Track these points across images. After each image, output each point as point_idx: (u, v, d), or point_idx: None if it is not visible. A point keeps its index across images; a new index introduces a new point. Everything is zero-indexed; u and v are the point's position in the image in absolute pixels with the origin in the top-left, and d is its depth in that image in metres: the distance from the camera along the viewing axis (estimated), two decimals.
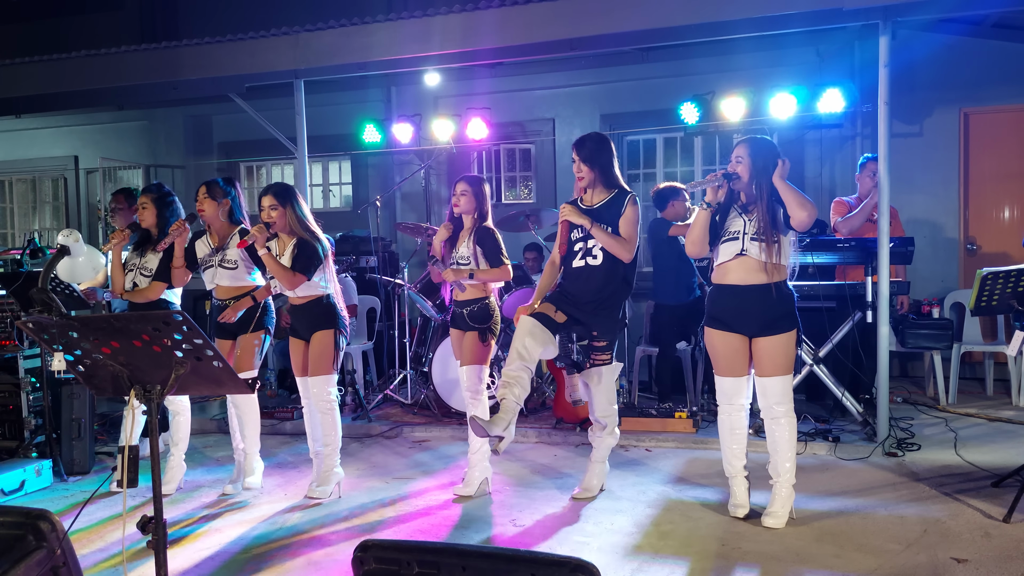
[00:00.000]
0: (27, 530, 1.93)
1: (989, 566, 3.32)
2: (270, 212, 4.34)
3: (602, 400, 4.24)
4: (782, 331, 3.80)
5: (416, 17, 5.79)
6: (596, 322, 4.15)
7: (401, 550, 1.78)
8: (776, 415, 3.84)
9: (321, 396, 4.41)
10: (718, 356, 3.94)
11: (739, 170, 3.81)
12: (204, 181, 4.64)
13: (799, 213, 3.68)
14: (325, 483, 4.44)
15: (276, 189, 4.42)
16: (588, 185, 4.16)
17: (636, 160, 8.44)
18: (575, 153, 4.16)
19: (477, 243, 4.44)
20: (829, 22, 5.13)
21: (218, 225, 4.59)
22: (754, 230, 3.78)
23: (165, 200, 4.67)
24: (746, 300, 3.81)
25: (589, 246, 4.12)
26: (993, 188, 7.25)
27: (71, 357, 2.29)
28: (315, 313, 4.42)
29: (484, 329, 4.48)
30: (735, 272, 3.83)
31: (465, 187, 4.48)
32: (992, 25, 6.33)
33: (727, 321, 3.87)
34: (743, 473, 4.01)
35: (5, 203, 10.97)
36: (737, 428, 3.97)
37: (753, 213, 3.81)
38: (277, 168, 9.85)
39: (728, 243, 3.84)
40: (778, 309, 3.80)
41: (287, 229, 4.38)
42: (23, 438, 5.05)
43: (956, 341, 6.21)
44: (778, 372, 3.81)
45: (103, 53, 6.68)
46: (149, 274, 4.63)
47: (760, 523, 3.85)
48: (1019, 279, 3.93)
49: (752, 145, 3.83)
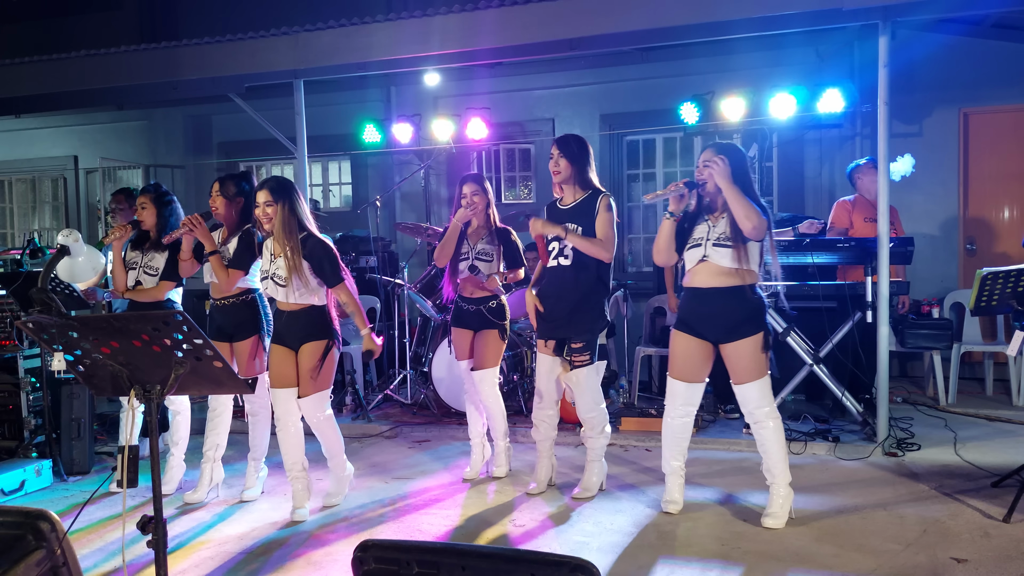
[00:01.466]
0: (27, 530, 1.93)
1: (989, 566, 3.32)
2: (265, 209, 4.00)
3: (587, 401, 4.22)
4: (747, 335, 3.80)
5: (416, 17, 5.79)
6: (572, 322, 4.17)
7: (401, 550, 1.78)
8: (759, 418, 3.86)
9: (315, 415, 4.08)
10: (676, 358, 3.96)
11: (706, 175, 3.83)
12: (219, 176, 4.52)
13: (745, 223, 3.71)
14: (341, 491, 4.37)
15: (272, 184, 4.05)
16: (563, 181, 4.21)
17: (636, 160, 8.44)
18: (555, 148, 4.21)
19: (501, 243, 4.59)
20: (829, 22, 5.12)
21: (230, 223, 4.47)
22: (717, 235, 3.80)
23: (164, 199, 4.65)
24: (711, 304, 3.83)
25: (561, 246, 4.17)
26: (993, 188, 7.24)
27: (71, 357, 2.29)
28: (306, 321, 4.06)
29: (503, 326, 4.57)
30: (700, 276, 3.87)
31: (475, 187, 4.56)
32: (992, 25, 6.33)
33: (692, 325, 3.90)
34: (679, 471, 4.05)
35: (5, 203, 10.97)
36: (679, 432, 4.00)
37: (717, 218, 3.84)
38: (277, 168, 9.85)
39: (693, 249, 3.88)
40: (742, 313, 3.81)
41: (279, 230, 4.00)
42: (23, 438, 5.05)
43: (956, 341, 6.21)
44: (752, 377, 3.82)
45: (103, 53, 6.68)
46: (155, 273, 4.58)
47: (761, 523, 3.85)
48: (1019, 279, 3.93)
49: (720, 151, 3.85)
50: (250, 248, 4.39)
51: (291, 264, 3.99)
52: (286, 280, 4.02)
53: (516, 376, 5.99)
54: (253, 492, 4.49)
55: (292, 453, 4.13)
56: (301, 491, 4.17)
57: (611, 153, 8.38)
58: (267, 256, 4.13)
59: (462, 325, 4.66)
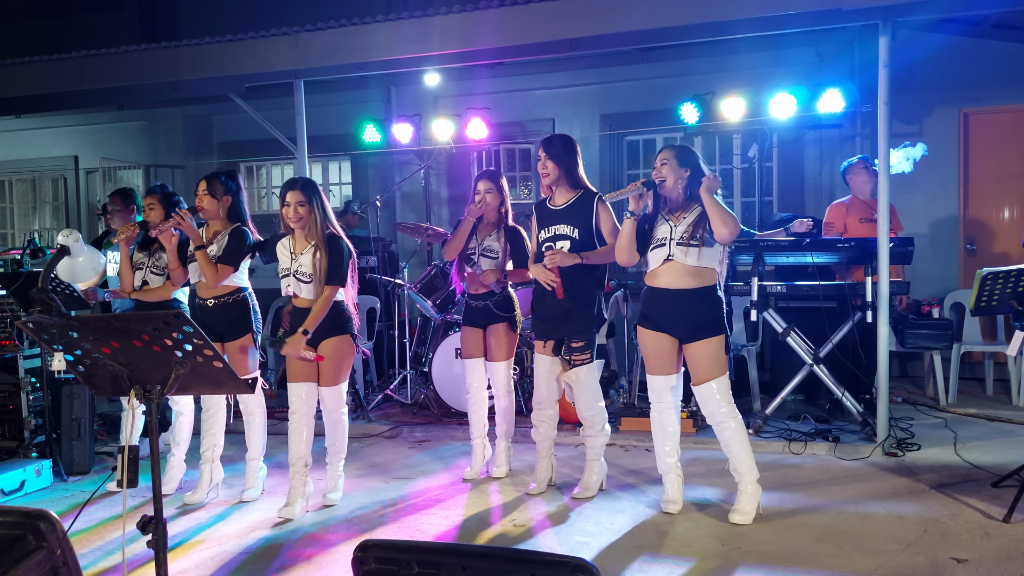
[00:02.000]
0: (27, 530, 1.93)
1: (989, 566, 3.32)
2: (297, 208, 4.05)
3: (587, 399, 4.23)
4: (709, 336, 3.87)
5: (416, 17, 5.78)
6: (571, 321, 4.17)
7: (401, 550, 1.78)
8: (721, 419, 3.89)
9: (337, 407, 4.21)
10: (648, 355, 4.02)
11: (664, 173, 3.88)
12: (204, 175, 4.50)
13: (721, 229, 3.75)
14: (337, 488, 4.39)
15: (302, 184, 4.13)
16: (552, 183, 4.22)
17: (636, 160, 8.44)
18: (542, 151, 4.22)
19: (509, 241, 4.54)
20: (829, 22, 5.13)
21: (217, 222, 4.48)
22: (679, 235, 3.85)
23: (171, 199, 4.66)
24: (675, 304, 3.88)
25: (557, 247, 4.16)
26: (993, 188, 7.25)
27: (71, 357, 2.29)
28: (325, 318, 4.13)
29: (512, 318, 4.56)
30: (664, 276, 3.91)
31: (489, 184, 4.53)
32: (992, 25, 6.33)
33: (656, 321, 3.95)
34: (676, 470, 4.06)
35: (5, 203, 10.97)
36: (669, 426, 4.02)
37: (679, 218, 3.88)
38: (277, 168, 9.85)
39: (656, 249, 3.92)
40: (706, 314, 3.88)
41: (309, 228, 4.10)
42: (23, 438, 5.05)
43: (956, 341, 6.21)
44: (711, 376, 3.88)
45: (103, 53, 6.68)
46: (162, 273, 4.61)
47: (762, 523, 3.85)
48: (1019, 279, 3.93)
49: (676, 151, 3.93)
50: (241, 246, 4.38)
51: (319, 261, 4.07)
52: (311, 276, 4.11)
53: (516, 376, 5.99)
54: (253, 492, 4.49)
55: (299, 447, 4.17)
56: (298, 487, 4.19)
57: (611, 153, 8.38)
58: (285, 254, 4.20)
59: (471, 323, 4.63)
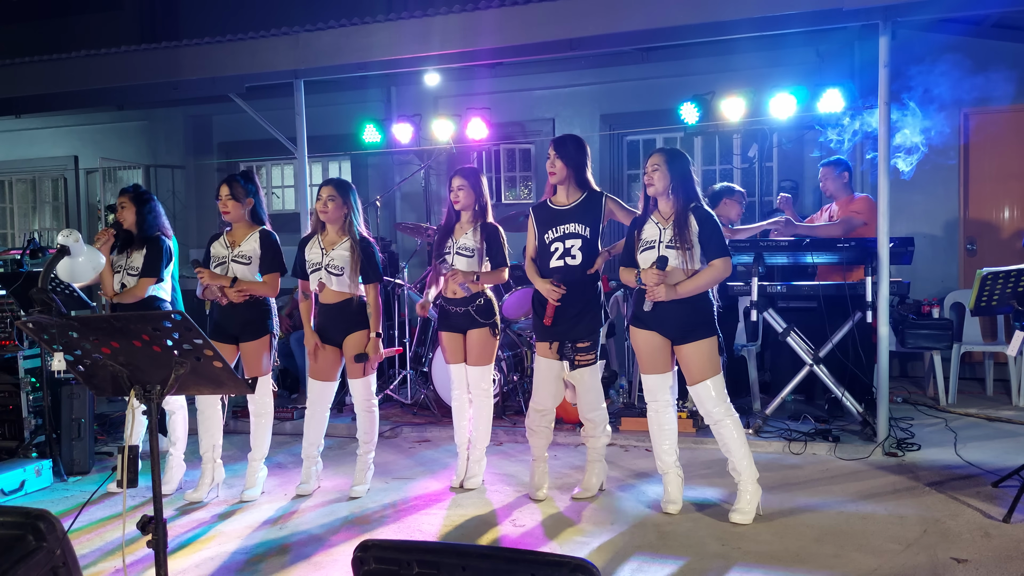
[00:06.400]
0: (27, 530, 1.93)
1: (989, 566, 3.32)
2: (327, 203, 4.27)
3: (589, 400, 4.23)
4: (700, 338, 3.91)
5: (416, 17, 5.78)
6: (581, 322, 4.16)
7: (401, 550, 1.78)
8: (717, 418, 3.92)
9: (367, 397, 4.41)
10: (641, 354, 4.05)
11: (655, 178, 3.91)
12: (224, 178, 4.48)
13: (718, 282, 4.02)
14: (364, 480, 4.49)
15: (337, 181, 4.37)
16: (559, 182, 4.21)
17: (636, 160, 8.43)
18: (552, 149, 4.21)
19: (485, 239, 4.42)
20: (829, 22, 5.13)
21: (240, 225, 4.47)
22: (668, 238, 3.87)
23: (143, 198, 4.66)
24: (665, 305, 3.88)
25: (568, 246, 4.15)
26: (993, 188, 7.24)
27: (71, 357, 2.29)
28: (349, 313, 4.33)
29: (493, 324, 4.47)
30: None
31: (462, 181, 4.44)
32: (992, 25, 6.33)
33: (647, 321, 3.97)
34: (675, 469, 4.06)
35: (5, 203, 10.97)
36: (666, 425, 4.04)
37: (667, 220, 3.91)
38: (277, 168, 9.86)
39: (646, 252, 3.93)
40: (696, 316, 3.91)
41: (341, 224, 4.32)
42: (23, 438, 5.05)
43: (956, 341, 6.21)
44: (705, 376, 3.91)
45: (103, 53, 6.67)
46: (136, 273, 4.61)
47: (762, 523, 3.86)
48: (1019, 279, 3.93)
49: (666, 156, 3.94)
50: (278, 249, 4.46)
51: (352, 256, 4.28)
52: (343, 270, 4.29)
53: (516, 376, 5.99)
54: (253, 492, 4.49)
55: (314, 435, 4.48)
56: (311, 469, 4.51)
57: (611, 153, 8.38)
58: (315, 249, 4.37)
59: (450, 328, 4.49)
